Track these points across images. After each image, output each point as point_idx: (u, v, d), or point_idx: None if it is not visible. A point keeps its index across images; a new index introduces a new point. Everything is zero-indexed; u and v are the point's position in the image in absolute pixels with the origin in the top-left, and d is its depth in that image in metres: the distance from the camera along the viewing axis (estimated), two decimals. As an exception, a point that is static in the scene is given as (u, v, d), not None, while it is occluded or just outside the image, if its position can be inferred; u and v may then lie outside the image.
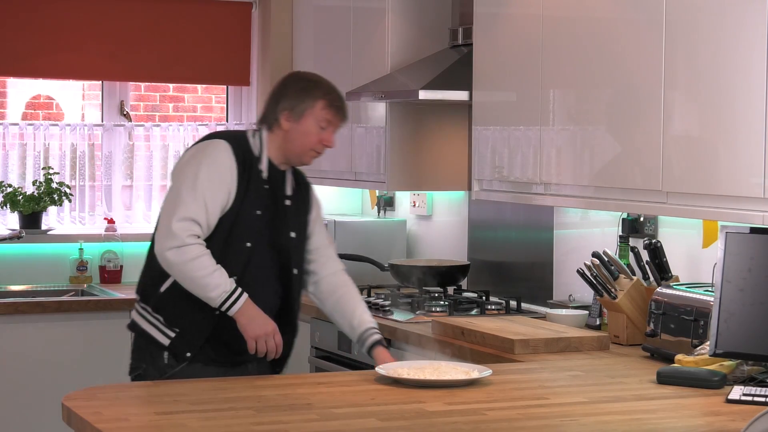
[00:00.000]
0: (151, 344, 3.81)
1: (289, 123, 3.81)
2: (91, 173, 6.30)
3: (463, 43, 5.25)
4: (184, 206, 3.66)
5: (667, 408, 3.21)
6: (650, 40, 3.90)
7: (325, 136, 3.86)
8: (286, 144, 3.83)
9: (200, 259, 3.64)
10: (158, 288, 3.77)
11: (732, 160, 3.59)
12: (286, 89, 3.87)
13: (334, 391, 3.35)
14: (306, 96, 3.82)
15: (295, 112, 3.80)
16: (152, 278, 3.80)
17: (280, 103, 3.84)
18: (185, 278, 3.66)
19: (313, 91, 3.83)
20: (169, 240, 3.64)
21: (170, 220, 3.65)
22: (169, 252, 3.64)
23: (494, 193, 4.81)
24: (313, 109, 3.80)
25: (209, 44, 6.42)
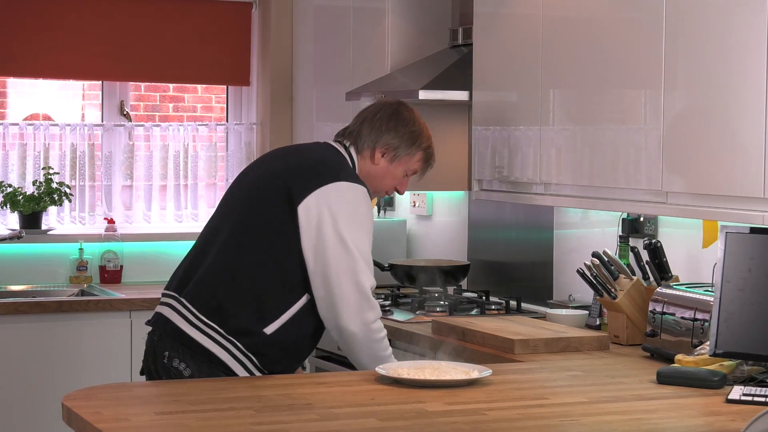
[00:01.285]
0: (223, 373, 3.54)
1: (383, 160, 3.73)
2: (91, 173, 6.30)
3: (463, 43, 5.25)
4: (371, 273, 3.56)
5: (667, 408, 3.21)
6: (650, 40, 3.90)
7: (403, 182, 3.82)
8: (369, 177, 3.71)
9: (385, 340, 3.61)
10: (261, 328, 3.55)
11: (732, 160, 3.59)
12: (397, 125, 3.75)
13: (334, 391, 3.35)
14: (412, 144, 3.75)
15: (394, 153, 3.73)
16: (252, 315, 3.54)
17: (385, 136, 3.73)
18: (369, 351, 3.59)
19: (420, 141, 3.76)
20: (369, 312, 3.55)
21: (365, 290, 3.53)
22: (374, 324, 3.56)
23: (494, 193, 4.81)
24: (411, 158, 3.76)
25: (209, 44, 6.42)
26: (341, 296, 3.54)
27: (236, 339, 3.55)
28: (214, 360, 3.56)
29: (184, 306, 3.61)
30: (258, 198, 3.63)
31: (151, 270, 6.17)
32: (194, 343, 3.57)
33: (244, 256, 3.60)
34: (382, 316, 3.65)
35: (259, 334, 3.55)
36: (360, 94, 5.36)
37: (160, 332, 3.65)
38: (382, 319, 3.59)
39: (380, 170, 3.74)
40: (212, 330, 3.57)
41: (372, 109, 3.79)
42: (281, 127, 6.32)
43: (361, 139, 3.72)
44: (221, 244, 3.64)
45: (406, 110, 3.80)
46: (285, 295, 3.58)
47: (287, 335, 3.58)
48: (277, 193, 3.60)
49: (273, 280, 3.57)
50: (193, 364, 3.57)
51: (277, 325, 3.56)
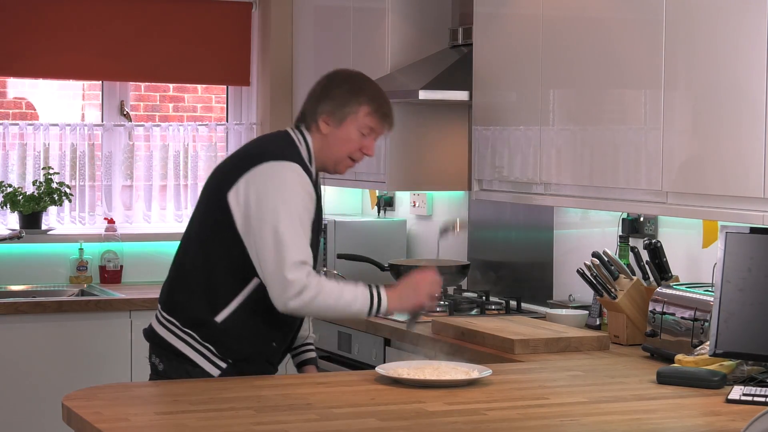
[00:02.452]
0: (190, 366, 3.57)
1: (329, 128, 3.59)
2: (91, 173, 6.30)
3: (463, 43, 5.25)
4: (293, 250, 3.42)
5: (667, 408, 3.21)
6: (650, 40, 3.90)
7: (365, 143, 3.63)
8: (323, 149, 3.60)
9: (324, 291, 3.43)
10: (213, 317, 3.54)
11: (732, 160, 3.59)
12: (330, 89, 3.61)
13: (334, 391, 3.35)
14: (350, 99, 3.58)
15: (336, 117, 3.58)
16: (203, 306, 3.55)
17: (321, 104, 3.60)
18: (321, 314, 3.54)
19: (359, 94, 3.59)
20: (288, 290, 3.41)
21: (282, 270, 3.40)
22: (292, 302, 3.43)
23: (494, 193, 4.81)
24: (356, 114, 3.59)
25: (209, 44, 6.42)
26: (265, 277, 3.48)
27: (192, 330, 3.58)
28: (178, 354, 3.59)
29: (158, 308, 3.72)
30: (203, 194, 3.67)
31: (151, 270, 6.17)
32: (161, 339, 3.63)
33: (194, 250, 3.63)
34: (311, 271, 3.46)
35: (212, 323, 3.55)
36: (360, 94, 5.36)
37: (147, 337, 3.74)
38: (382, 319, 3.55)
39: (330, 139, 3.59)
40: (172, 325, 3.62)
41: (314, 85, 3.69)
42: (281, 127, 6.27)
43: (306, 116, 3.63)
44: (181, 244, 3.72)
45: (341, 73, 3.69)
46: (233, 283, 3.55)
47: (238, 321, 3.55)
48: (213, 185, 3.61)
49: (220, 270, 3.55)
50: (165, 360, 3.62)
51: (227, 312, 3.55)
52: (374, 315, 3.52)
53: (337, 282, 3.49)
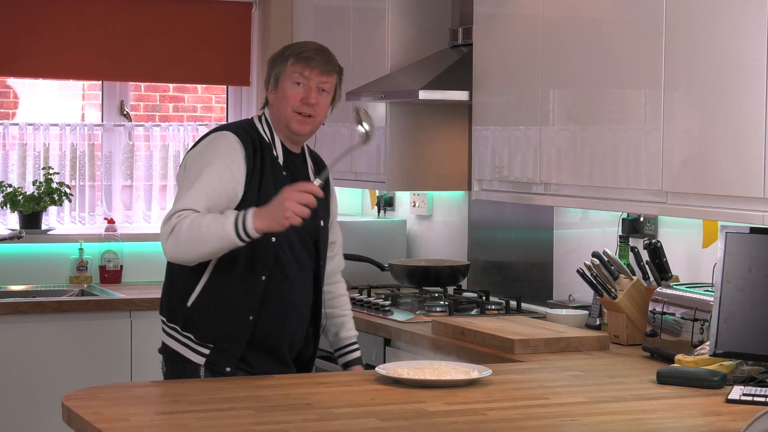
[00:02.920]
0: (185, 364, 3.60)
1: (273, 95, 3.63)
2: (91, 173, 6.30)
3: (463, 43, 5.25)
4: (181, 201, 3.47)
5: (667, 408, 3.21)
6: (650, 40, 3.90)
7: (305, 93, 3.59)
8: (273, 115, 3.63)
9: (189, 221, 3.39)
10: (185, 303, 3.58)
11: (732, 160, 3.59)
12: (269, 64, 3.68)
13: (334, 391, 3.35)
14: (278, 60, 3.63)
15: (273, 82, 3.62)
16: (176, 295, 3.61)
17: (266, 79, 3.67)
18: (194, 246, 3.41)
19: (284, 52, 3.63)
20: (164, 229, 3.44)
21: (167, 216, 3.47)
22: (167, 241, 3.42)
23: (494, 193, 4.81)
24: (285, 71, 3.60)
25: (209, 44, 6.42)
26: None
27: (173, 323, 3.63)
28: (171, 351, 3.64)
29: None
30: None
31: (151, 270, 6.16)
32: (162, 342, 3.70)
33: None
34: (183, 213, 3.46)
35: (184, 309, 3.59)
36: (360, 94, 5.36)
37: None
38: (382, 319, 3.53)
39: (276, 103, 3.61)
40: (163, 324, 3.68)
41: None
42: (281, 127, 6.31)
43: (265, 101, 3.70)
44: None
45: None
46: (195, 265, 3.54)
47: (206, 301, 3.56)
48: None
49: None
50: (168, 363, 3.68)
51: (195, 295, 3.57)
52: (243, 236, 3.38)
53: (203, 215, 3.43)
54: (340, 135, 5.83)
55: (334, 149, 5.85)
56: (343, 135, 5.79)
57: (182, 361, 3.61)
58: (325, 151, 5.96)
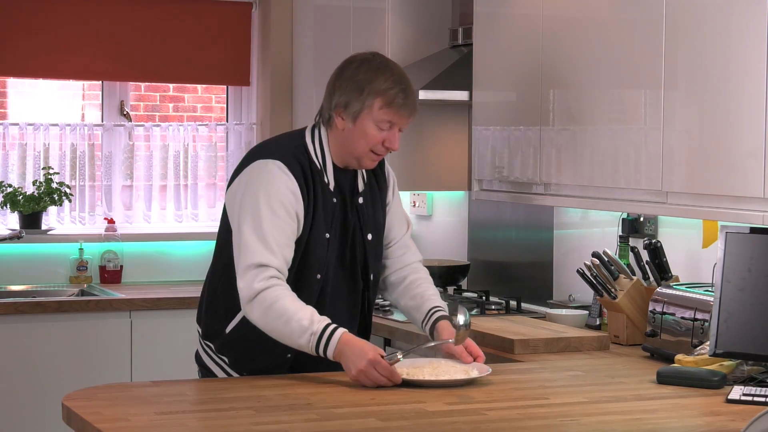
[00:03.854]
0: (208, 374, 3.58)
1: (344, 123, 3.34)
2: (91, 173, 6.30)
3: (463, 43, 5.25)
4: (250, 253, 3.24)
5: (667, 408, 3.21)
6: (650, 40, 3.90)
7: (387, 137, 3.35)
8: (343, 145, 3.36)
9: (276, 305, 3.21)
10: (224, 328, 3.45)
11: (732, 160, 3.59)
12: (341, 81, 3.35)
13: (334, 391, 3.34)
14: (360, 93, 3.31)
15: (350, 112, 3.32)
16: (216, 317, 3.46)
17: (334, 97, 3.35)
18: (271, 332, 3.27)
19: (371, 86, 3.31)
20: (243, 295, 3.26)
21: (239, 271, 3.27)
22: (247, 307, 3.27)
23: (494, 193, 4.81)
24: (370, 110, 3.32)
25: (209, 44, 6.42)
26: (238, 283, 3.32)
27: (209, 341, 3.56)
28: (203, 364, 3.60)
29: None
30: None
31: (151, 270, 6.16)
32: (196, 352, 3.65)
33: (212, 261, 3.57)
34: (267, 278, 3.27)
35: (223, 334, 3.49)
36: (360, 94, 5.36)
37: None
38: (381, 319, 3.51)
39: (347, 134, 3.34)
40: (198, 335, 3.61)
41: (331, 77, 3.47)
42: (281, 127, 6.31)
43: (323, 111, 3.39)
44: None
45: (352, 61, 3.42)
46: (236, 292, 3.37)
47: (245, 332, 3.42)
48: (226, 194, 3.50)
49: (225, 280, 3.44)
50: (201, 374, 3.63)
51: (235, 322, 3.45)
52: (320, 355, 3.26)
53: (294, 303, 3.23)
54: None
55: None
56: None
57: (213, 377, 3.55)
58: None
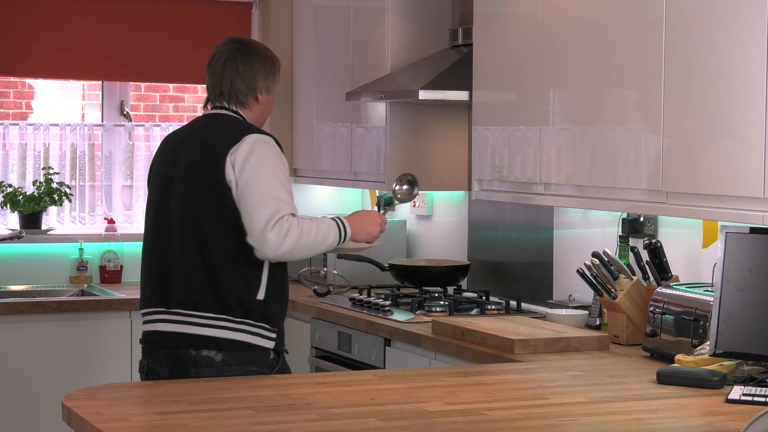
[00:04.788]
0: (256, 350, 3.76)
1: (264, 97, 3.98)
2: (91, 173, 6.30)
3: (463, 43, 5.25)
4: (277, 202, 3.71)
5: (667, 408, 3.21)
6: (650, 40, 3.90)
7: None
8: (260, 117, 3.98)
9: (301, 225, 3.72)
10: (254, 297, 3.75)
11: (732, 160, 3.59)
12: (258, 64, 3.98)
13: (334, 391, 3.35)
14: (274, 69, 4.01)
15: (269, 88, 3.99)
16: (244, 292, 3.75)
17: (258, 82, 3.97)
18: (307, 250, 3.78)
19: (275, 62, 4.04)
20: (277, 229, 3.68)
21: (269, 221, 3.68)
22: (285, 240, 3.69)
23: (494, 193, 4.81)
24: (276, 82, 4.03)
25: (209, 44, 6.37)
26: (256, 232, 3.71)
27: (241, 318, 3.73)
28: (230, 343, 3.73)
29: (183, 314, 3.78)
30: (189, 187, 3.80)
31: (151, 270, 6.16)
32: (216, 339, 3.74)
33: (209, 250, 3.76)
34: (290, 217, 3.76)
35: (254, 304, 3.75)
36: (360, 94, 5.36)
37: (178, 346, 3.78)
38: (382, 319, 3.52)
39: (263, 106, 3.98)
40: (222, 321, 3.74)
41: (228, 64, 3.97)
42: (281, 127, 6.32)
43: (240, 95, 3.94)
44: (182, 246, 3.80)
45: (250, 44, 4.05)
46: (251, 259, 3.74)
47: (272, 292, 3.78)
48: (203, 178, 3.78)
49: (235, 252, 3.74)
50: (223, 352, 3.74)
51: (263, 288, 3.76)
52: (341, 243, 3.91)
53: (311, 220, 3.79)
54: (339, 134, 5.83)
55: (333, 148, 5.85)
56: (343, 134, 5.79)
57: (250, 348, 3.74)
58: (324, 151, 5.98)
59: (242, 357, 3.73)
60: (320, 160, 6.02)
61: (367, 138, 5.63)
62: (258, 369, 3.72)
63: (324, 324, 5.15)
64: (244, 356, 3.73)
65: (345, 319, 4.99)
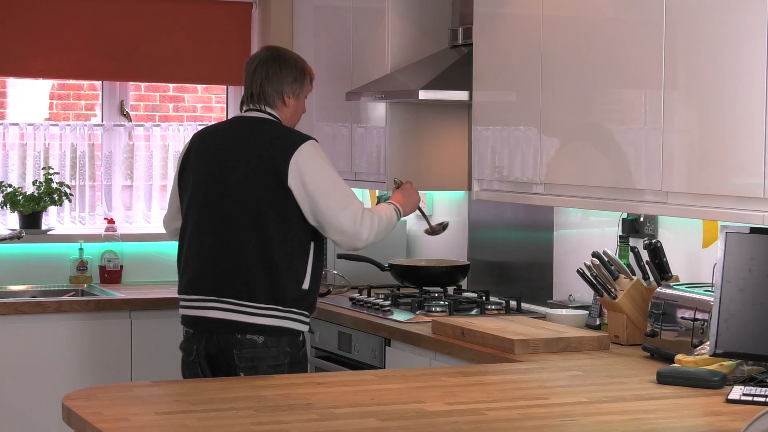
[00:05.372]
0: (286, 336, 4.09)
1: (291, 101, 4.33)
2: (91, 173, 6.30)
3: (463, 43, 5.25)
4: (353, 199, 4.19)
5: (667, 408, 3.21)
6: (650, 40, 3.90)
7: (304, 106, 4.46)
8: (291, 118, 4.33)
9: (377, 214, 4.23)
10: (300, 287, 4.11)
11: (732, 160, 3.59)
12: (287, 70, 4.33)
13: (334, 391, 3.35)
14: (303, 77, 4.35)
15: (297, 91, 4.34)
16: (292, 283, 4.10)
17: (285, 85, 4.31)
18: (384, 233, 4.26)
19: (305, 71, 4.37)
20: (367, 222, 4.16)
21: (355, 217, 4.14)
22: (374, 228, 4.18)
23: (494, 193, 4.81)
24: (306, 86, 4.37)
25: (209, 44, 6.42)
26: (343, 229, 4.15)
27: (287, 307, 4.08)
28: (271, 329, 4.06)
29: (238, 305, 4.09)
30: (255, 190, 4.12)
31: (151, 270, 6.17)
32: (262, 326, 4.06)
33: (271, 245, 4.08)
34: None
35: (300, 293, 4.11)
36: (360, 94, 5.36)
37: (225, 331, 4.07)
38: (382, 319, 3.53)
39: (291, 109, 4.32)
40: (271, 310, 4.07)
41: (258, 69, 4.32)
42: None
43: (268, 97, 4.29)
44: (242, 243, 4.11)
45: (280, 55, 4.37)
46: (302, 254, 4.14)
47: (315, 280, 4.18)
48: (267, 179, 4.11)
49: (294, 249, 4.12)
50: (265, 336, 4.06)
51: (307, 279, 4.13)
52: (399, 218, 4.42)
53: (375, 211, 4.26)
54: (339, 134, 5.83)
55: (333, 148, 5.85)
56: (343, 134, 5.79)
57: (289, 333, 4.09)
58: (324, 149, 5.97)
59: (281, 340, 4.07)
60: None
61: (367, 138, 5.63)
62: (292, 350, 4.08)
63: (324, 324, 5.15)
64: (282, 339, 4.07)
65: (345, 319, 4.99)
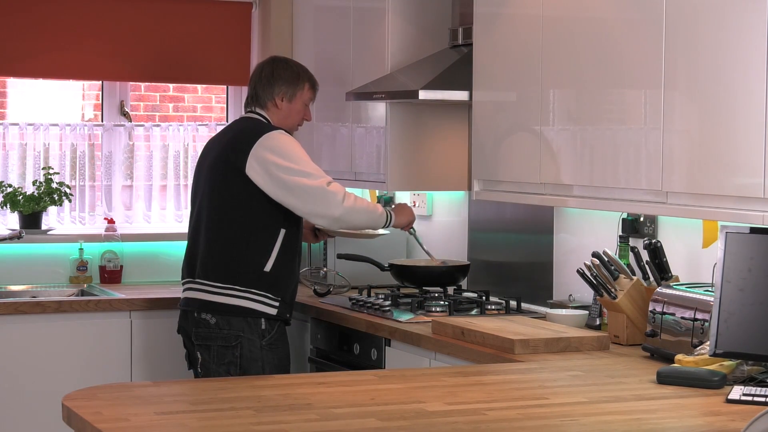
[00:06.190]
0: (246, 317, 4.41)
1: (283, 103, 4.68)
2: (91, 173, 6.30)
3: (463, 43, 5.25)
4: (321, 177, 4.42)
5: (667, 408, 3.21)
6: (650, 40, 3.90)
7: (307, 113, 4.82)
8: (282, 120, 4.67)
9: (357, 196, 4.47)
10: (262, 268, 4.42)
11: (732, 160, 3.59)
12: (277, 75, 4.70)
13: (334, 391, 3.35)
14: (297, 81, 4.71)
15: (288, 95, 4.69)
16: (252, 263, 4.44)
17: (276, 86, 4.68)
18: (360, 215, 4.48)
19: (300, 76, 4.74)
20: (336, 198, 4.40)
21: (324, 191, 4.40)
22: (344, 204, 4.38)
23: (494, 193, 4.81)
24: (302, 91, 4.73)
25: (209, 44, 6.42)
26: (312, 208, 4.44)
27: (247, 287, 4.40)
28: (229, 308, 4.43)
29: (201, 284, 4.55)
30: (216, 179, 4.58)
31: (151, 270, 6.17)
32: (217, 305, 4.46)
33: (228, 227, 4.52)
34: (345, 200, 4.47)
35: (261, 274, 4.41)
36: (360, 94, 5.36)
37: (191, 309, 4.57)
38: (381, 319, 3.57)
39: (284, 111, 4.66)
40: (229, 290, 4.45)
41: (256, 73, 4.75)
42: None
43: (260, 99, 4.68)
44: (206, 228, 4.58)
45: (280, 61, 4.80)
46: (267, 238, 4.48)
47: (281, 263, 4.42)
48: (226, 168, 4.54)
49: (255, 232, 4.47)
50: (217, 316, 4.45)
51: (271, 261, 4.44)
52: (385, 226, 4.72)
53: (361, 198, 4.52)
54: (339, 134, 5.83)
55: (333, 148, 5.85)
56: (343, 134, 5.79)
57: (247, 314, 4.39)
58: (324, 151, 5.98)
59: (235, 322, 4.41)
60: (320, 160, 6.01)
61: (367, 138, 5.63)
62: (247, 336, 4.38)
63: (324, 324, 5.15)
64: (237, 322, 4.41)
65: (345, 319, 4.99)
